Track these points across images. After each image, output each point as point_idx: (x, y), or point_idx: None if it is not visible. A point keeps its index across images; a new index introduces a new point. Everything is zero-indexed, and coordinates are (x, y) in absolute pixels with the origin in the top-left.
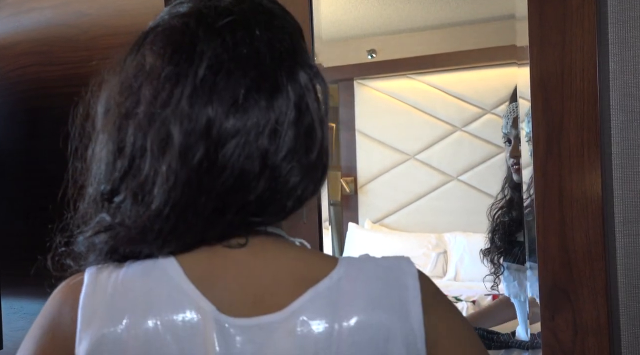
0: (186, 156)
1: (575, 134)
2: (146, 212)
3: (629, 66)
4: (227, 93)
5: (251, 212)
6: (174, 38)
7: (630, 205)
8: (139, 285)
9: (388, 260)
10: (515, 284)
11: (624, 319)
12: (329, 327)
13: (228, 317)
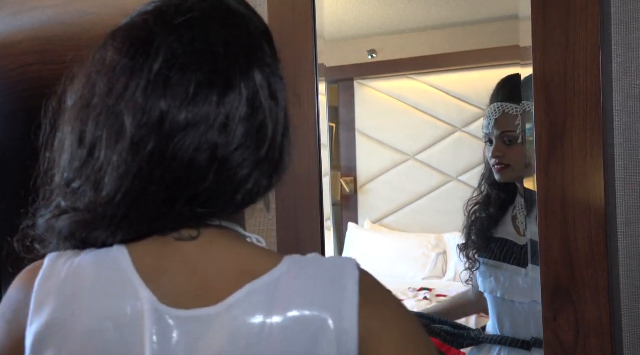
0: (138, 147)
1: (578, 135)
2: (98, 198)
3: (632, 68)
4: (180, 87)
5: (201, 204)
6: (133, 34)
7: (633, 206)
8: (90, 273)
9: (333, 261)
10: (492, 280)
11: (626, 320)
12: (261, 321)
13: (168, 308)
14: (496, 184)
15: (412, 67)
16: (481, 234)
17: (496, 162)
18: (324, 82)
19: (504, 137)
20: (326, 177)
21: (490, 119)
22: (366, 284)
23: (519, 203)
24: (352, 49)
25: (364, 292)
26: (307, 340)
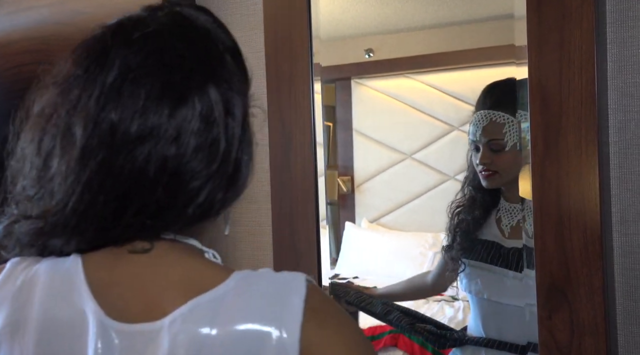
0: (87, 157)
1: (573, 134)
2: (50, 207)
3: (627, 66)
4: (132, 100)
5: (150, 216)
6: (91, 46)
7: (628, 204)
8: (43, 282)
9: (283, 277)
10: (477, 282)
11: (621, 319)
12: (204, 336)
13: (113, 322)
14: (481, 188)
15: (409, 66)
16: (466, 235)
17: (483, 168)
18: (319, 81)
19: (491, 144)
20: (322, 176)
21: (477, 127)
22: (313, 300)
23: (502, 206)
24: (349, 48)
25: (309, 308)
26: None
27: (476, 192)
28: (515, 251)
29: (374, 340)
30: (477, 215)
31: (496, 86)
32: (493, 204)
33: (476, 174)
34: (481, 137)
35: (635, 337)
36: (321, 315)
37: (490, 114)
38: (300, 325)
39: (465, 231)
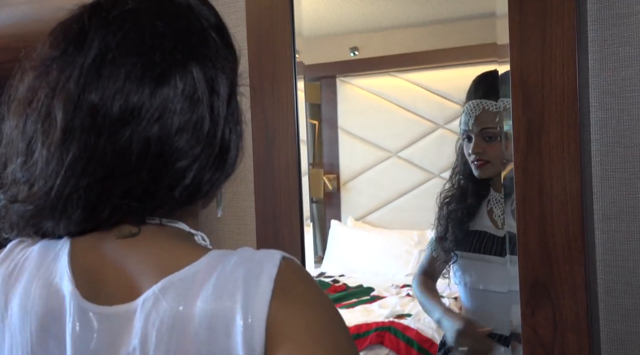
0: (69, 141)
1: (555, 130)
2: (36, 191)
3: (607, 64)
4: (112, 80)
5: (136, 199)
6: (68, 27)
7: (609, 201)
8: (32, 263)
9: (257, 255)
10: (472, 273)
11: (603, 315)
12: (173, 314)
13: (91, 304)
14: (471, 178)
15: (394, 64)
16: (458, 227)
17: (476, 158)
18: (302, 79)
19: (483, 133)
20: (305, 175)
21: (470, 116)
22: (283, 279)
23: (493, 196)
24: (334, 46)
25: (277, 287)
26: (217, 334)
27: (466, 182)
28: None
29: (359, 337)
30: (468, 205)
31: (487, 76)
32: (483, 195)
33: (466, 165)
34: (474, 126)
35: (618, 334)
36: (289, 294)
37: (483, 103)
38: (267, 306)
39: (456, 221)
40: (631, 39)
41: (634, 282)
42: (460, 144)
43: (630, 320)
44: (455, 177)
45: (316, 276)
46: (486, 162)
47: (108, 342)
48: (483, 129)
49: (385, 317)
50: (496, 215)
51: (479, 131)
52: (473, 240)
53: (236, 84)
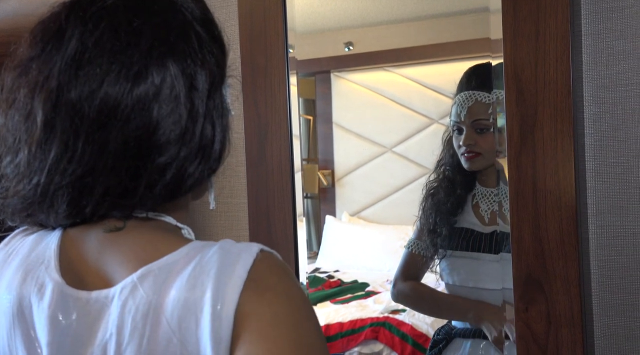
0: (49, 141)
1: (549, 125)
2: (23, 187)
3: (601, 58)
4: (90, 80)
5: (117, 196)
6: (47, 26)
7: (603, 196)
8: (27, 249)
9: (236, 247)
10: (461, 271)
11: (597, 310)
12: (149, 301)
13: (72, 290)
14: (457, 170)
15: (389, 59)
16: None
17: (466, 150)
18: (295, 74)
19: (475, 125)
20: (299, 170)
21: (462, 107)
22: (257, 271)
23: (478, 191)
24: (329, 41)
25: (250, 278)
26: (188, 323)
27: (453, 174)
28: (495, 234)
29: (354, 333)
30: (453, 197)
31: (480, 68)
32: (469, 188)
33: (453, 156)
34: (466, 117)
35: (612, 328)
36: (261, 286)
37: (476, 95)
38: (238, 296)
39: (441, 213)
40: (625, 32)
41: (627, 277)
42: (447, 136)
43: (624, 315)
44: (440, 168)
45: (311, 272)
46: (477, 154)
47: (86, 327)
48: (475, 121)
49: (380, 313)
50: (482, 211)
51: (470, 123)
52: (460, 238)
53: (221, 76)
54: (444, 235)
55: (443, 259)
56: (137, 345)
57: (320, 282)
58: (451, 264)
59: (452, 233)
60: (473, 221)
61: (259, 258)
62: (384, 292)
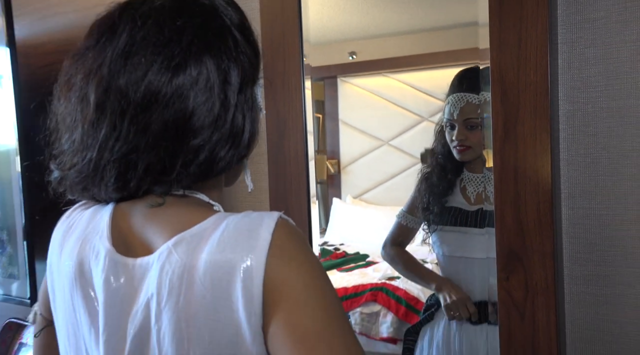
0: (100, 121)
1: (529, 121)
2: (76, 162)
3: (575, 63)
4: (136, 69)
5: (157, 173)
6: (102, 23)
7: (575, 182)
8: (83, 223)
9: (258, 214)
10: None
11: (568, 280)
12: (183, 264)
13: (121, 256)
14: (448, 159)
15: (387, 66)
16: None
17: (458, 144)
18: (309, 79)
19: (466, 123)
20: (312, 160)
21: (455, 107)
22: (279, 237)
23: (465, 176)
24: (335, 51)
25: (274, 244)
26: (220, 282)
27: (444, 162)
28: (479, 211)
29: (356, 296)
30: (445, 180)
31: (469, 71)
32: (457, 174)
33: (444, 147)
34: (458, 116)
35: (580, 295)
36: (285, 253)
37: (467, 96)
38: (265, 255)
39: (435, 195)
40: (595, 41)
41: (594, 251)
42: (439, 129)
43: (590, 284)
44: (433, 157)
45: (320, 245)
46: (467, 147)
47: (132, 288)
48: (466, 119)
49: (378, 279)
50: (469, 193)
51: (462, 121)
52: (449, 215)
53: (253, 75)
54: (436, 212)
55: (434, 233)
56: (175, 303)
57: (328, 254)
58: (441, 237)
59: (442, 211)
60: (461, 201)
61: (279, 223)
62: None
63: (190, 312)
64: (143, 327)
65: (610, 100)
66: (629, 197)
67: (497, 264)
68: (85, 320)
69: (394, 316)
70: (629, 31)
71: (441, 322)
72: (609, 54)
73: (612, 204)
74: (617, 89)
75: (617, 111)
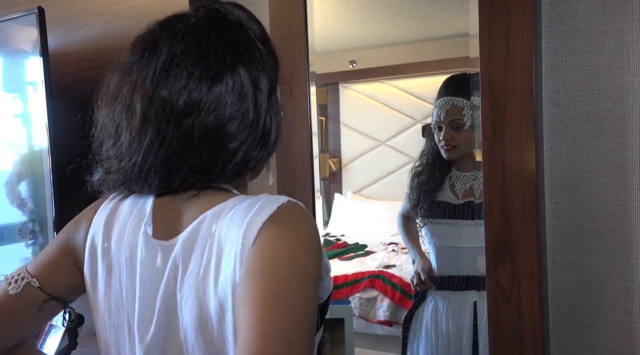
0: (146, 127)
1: (516, 123)
2: (123, 166)
3: (557, 69)
4: (177, 80)
5: (199, 173)
6: (145, 38)
7: (557, 179)
8: (125, 211)
9: (271, 197)
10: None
11: (551, 268)
12: (204, 241)
13: (156, 240)
14: (437, 158)
15: (384, 73)
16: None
17: (445, 143)
18: (314, 85)
19: (452, 124)
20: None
21: (442, 110)
22: (280, 211)
23: (454, 174)
24: (337, 59)
25: (272, 216)
26: (226, 250)
27: (433, 161)
28: (467, 204)
29: (355, 283)
30: (434, 178)
31: (455, 78)
32: (446, 172)
33: (433, 147)
34: (445, 118)
35: (562, 283)
36: (279, 219)
37: (453, 100)
38: (258, 229)
39: (425, 192)
40: (577, 49)
41: (575, 243)
42: (430, 131)
43: (571, 273)
44: (424, 157)
45: (323, 236)
46: (454, 146)
47: (162, 266)
48: (452, 120)
49: (376, 267)
50: (457, 189)
51: (448, 122)
52: (438, 209)
53: (276, 82)
54: (425, 207)
55: (425, 226)
56: (196, 274)
57: (330, 244)
58: (432, 230)
59: (432, 206)
60: (449, 196)
61: (284, 204)
62: (379, 251)
63: (206, 281)
64: (168, 297)
65: (590, 104)
66: (607, 192)
67: (485, 254)
68: (130, 298)
69: (390, 301)
70: (607, 41)
71: (430, 303)
72: (588, 61)
73: (592, 199)
74: (597, 94)
75: (596, 114)
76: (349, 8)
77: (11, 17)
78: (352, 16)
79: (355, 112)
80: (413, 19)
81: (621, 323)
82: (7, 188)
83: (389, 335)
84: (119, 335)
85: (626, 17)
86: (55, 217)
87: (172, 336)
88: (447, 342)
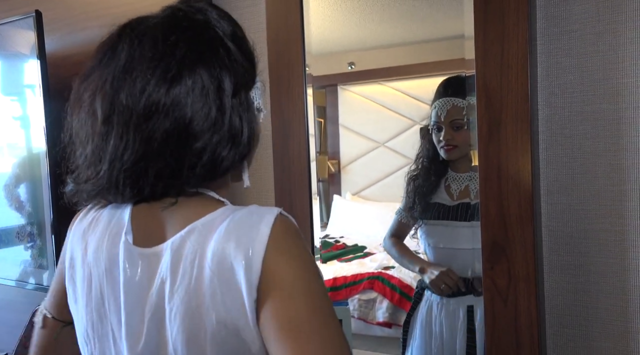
0: (108, 133)
1: (511, 124)
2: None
3: (553, 71)
4: (136, 83)
5: (167, 177)
6: (105, 43)
7: (552, 180)
8: (103, 222)
9: (260, 209)
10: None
11: (547, 269)
12: (195, 251)
13: (137, 248)
14: (433, 160)
15: (383, 75)
16: (422, 199)
17: (445, 143)
18: (311, 87)
19: (452, 124)
20: (313, 160)
21: (442, 110)
22: (277, 232)
23: (450, 175)
24: (336, 61)
25: (273, 238)
26: (224, 267)
27: (429, 163)
28: (462, 206)
29: (355, 284)
30: (430, 181)
31: (453, 79)
32: (442, 173)
33: (429, 149)
34: (445, 118)
35: (558, 283)
36: (281, 246)
37: (452, 100)
38: (264, 247)
39: (420, 194)
40: (571, 51)
41: (570, 243)
42: (424, 133)
43: (567, 273)
44: (419, 159)
45: (322, 237)
46: (454, 146)
47: (148, 275)
48: (452, 120)
49: (375, 269)
50: (453, 190)
51: (449, 122)
52: (434, 210)
53: (249, 80)
54: (420, 210)
55: (420, 227)
56: (187, 285)
57: (329, 246)
58: (427, 231)
59: (426, 207)
60: (445, 197)
61: (278, 219)
62: (378, 253)
63: (200, 293)
64: (158, 308)
65: (585, 105)
66: (602, 193)
67: (482, 255)
68: (113, 308)
69: (389, 302)
70: (602, 42)
71: (424, 305)
72: (583, 63)
73: (587, 199)
74: (591, 95)
75: (591, 115)
76: (346, 10)
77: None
78: (350, 18)
79: (354, 113)
80: (411, 21)
81: (617, 323)
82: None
83: (388, 336)
84: (104, 346)
85: (620, 18)
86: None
87: (164, 346)
88: (441, 343)
